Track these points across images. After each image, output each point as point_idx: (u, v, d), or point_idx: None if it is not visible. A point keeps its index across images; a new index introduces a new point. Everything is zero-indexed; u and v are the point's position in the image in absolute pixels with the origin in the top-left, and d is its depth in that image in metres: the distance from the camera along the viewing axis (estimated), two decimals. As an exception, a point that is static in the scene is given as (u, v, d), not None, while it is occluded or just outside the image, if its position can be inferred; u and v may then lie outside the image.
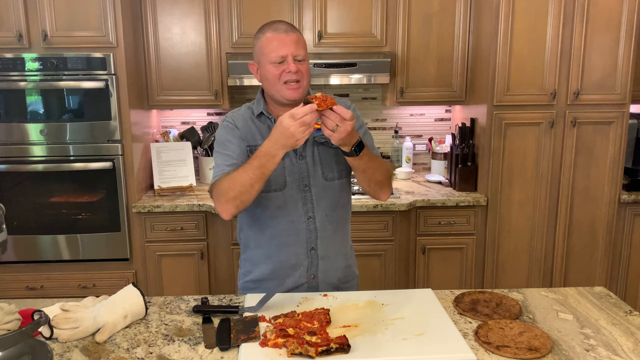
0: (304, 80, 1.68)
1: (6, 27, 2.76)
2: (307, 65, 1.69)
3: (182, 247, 2.99)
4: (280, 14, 3.07)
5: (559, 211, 3.04)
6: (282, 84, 1.67)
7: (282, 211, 1.74)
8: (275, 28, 1.67)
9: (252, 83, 3.07)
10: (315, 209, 1.75)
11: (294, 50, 1.65)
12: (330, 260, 1.79)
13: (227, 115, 1.82)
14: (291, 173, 1.72)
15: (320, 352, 1.32)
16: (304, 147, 1.74)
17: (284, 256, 1.76)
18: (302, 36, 1.71)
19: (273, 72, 1.66)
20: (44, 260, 2.97)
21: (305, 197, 1.74)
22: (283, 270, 1.77)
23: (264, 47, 1.67)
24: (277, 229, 1.75)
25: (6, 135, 2.84)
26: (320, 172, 1.75)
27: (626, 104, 2.95)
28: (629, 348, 1.39)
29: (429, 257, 3.07)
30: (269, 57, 1.66)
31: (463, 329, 1.49)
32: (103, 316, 1.47)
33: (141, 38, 3.07)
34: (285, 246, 1.76)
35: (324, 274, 1.78)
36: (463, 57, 3.15)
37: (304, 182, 1.74)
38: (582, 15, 2.84)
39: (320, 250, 1.77)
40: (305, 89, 1.71)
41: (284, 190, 1.72)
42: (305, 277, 1.77)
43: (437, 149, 3.45)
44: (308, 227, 1.75)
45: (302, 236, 1.75)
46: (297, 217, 1.74)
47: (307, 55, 1.70)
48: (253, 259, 1.82)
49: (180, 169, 3.18)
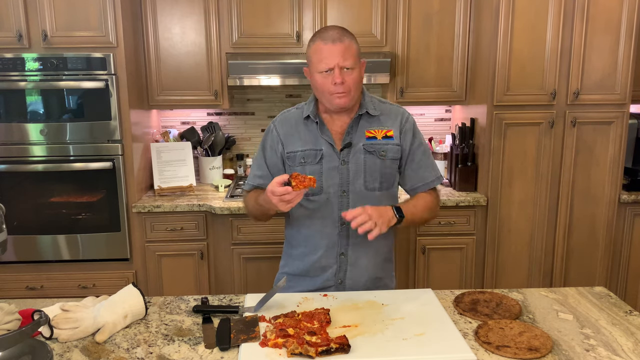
0: (351, 90, 1.68)
1: (6, 27, 2.76)
2: (356, 74, 1.68)
3: (182, 247, 2.99)
4: (280, 14, 3.07)
5: (559, 211, 3.04)
6: (330, 94, 1.68)
7: (317, 213, 1.77)
8: (323, 37, 1.67)
9: (252, 83, 3.07)
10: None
11: (340, 61, 1.65)
12: (359, 269, 1.79)
13: (278, 116, 1.85)
14: (329, 178, 1.74)
15: (320, 352, 1.32)
16: (349, 153, 1.74)
17: (316, 257, 1.79)
18: (352, 43, 1.68)
19: (321, 82, 1.68)
20: (44, 260, 2.97)
21: (342, 202, 1.75)
22: (314, 270, 1.80)
23: (313, 55, 1.69)
24: (311, 230, 1.79)
25: (6, 135, 2.84)
26: (362, 180, 1.75)
27: (626, 104, 2.95)
28: (629, 348, 1.39)
29: (429, 257, 3.07)
30: (317, 66, 1.68)
31: (463, 329, 1.49)
32: (103, 316, 1.47)
33: (141, 38, 3.07)
34: (318, 248, 1.79)
35: (351, 281, 1.79)
36: (463, 57, 3.15)
37: (343, 187, 1.75)
38: (582, 15, 2.84)
39: (350, 256, 1.78)
40: (353, 98, 1.71)
41: (320, 195, 1.75)
42: (333, 280, 1.79)
43: (437, 149, 3.44)
44: (340, 232, 1.76)
45: (334, 240, 1.77)
46: (331, 221, 1.76)
47: (357, 62, 1.68)
48: (291, 254, 1.88)
49: (180, 169, 3.18)
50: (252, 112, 3.51)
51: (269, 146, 1.81)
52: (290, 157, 1.76)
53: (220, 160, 3.38)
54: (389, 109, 1.81)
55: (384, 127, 1.77)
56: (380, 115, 1.78)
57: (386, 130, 1.76)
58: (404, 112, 1.82)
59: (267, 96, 3.48)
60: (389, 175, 1.78)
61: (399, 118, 1.80)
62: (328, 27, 1.72)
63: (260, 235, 2.95)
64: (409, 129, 1.79)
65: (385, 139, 1.76)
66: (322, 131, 1.75)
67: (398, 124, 1.78)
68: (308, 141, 1.75)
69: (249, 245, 2.97)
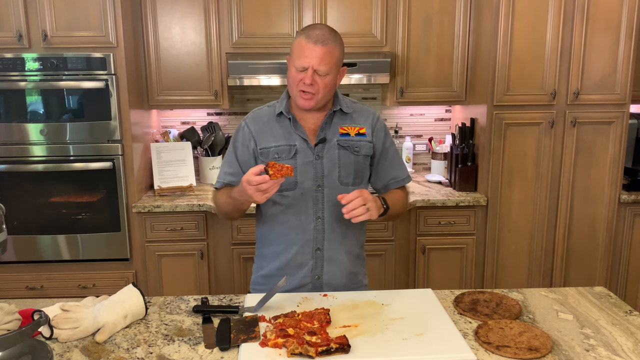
0: (318, 93, 1.69)
1: (6, 27, 2.76)
2: (328, 80, 1.69)
3: (182, 247, 2.99)
4: (280, 14, 3.07)
5: (559, 211, 3.04)
6: (297, 91, 1.70)
7: (291, 209, 1.76)
8: (310, 35, 1.67)
9: (252, 83, 3.07)
10: (325, 210, 1.75)
11: (315, 64, 1.65)
12: (335, 264, 1.79)
13: (249, 114, 1.86)
14: (304, 173, 1.74)
15: (320, 352, 1.32)
16: (323, 148, 1.75)
17: (290, 254, 1.78)
18: (335, 49, 1.68)
19: (293, 77, 1.70)
20: (44, 260, 2.97)
21: (316, 196, 1.75)
22: (289, 269, 1.79)
23: (294, 50, 1.70)
24: (285, 227, 1.78)
25: (6, 135, 2.84)
26: (337, 174, 1.75)
27: (626, 104, 2.95)
28: (629, 348, 1.39)
29: (429, 257, 3.07)
30: (294, 61, 1.69)
31: (463, 329, 1.49)
32: (103, 316, 1.47)
33: (141, 38, 3.07)
34: (293, 244, 1.78)
35: (328, 276, 1.79)
36: (463, 57, 3.15)
37: (318, 182, 1.75)
38: (582, 15, 2.84)
39: (326, 251, 1.78)
40: (319, 102, 1.72)
41: (295, 190, 1.75)
42: (310, 277, 1.78)
43: (437, 149, 3.45)
44: (316, 226, 1.76)
45: (309, 235, 1.76)
46: (306, 216, 1.76)
47: (332, 69, 1.68)
48: (265, 255, 1.86)
49: (180, 169, 3.18)
50: (252, 112, 3.51)
51: (241, 143, 1.80)
52: (264, 153, 1.76)
53: (220, 160, 3.38)
54: (360, 108, 1.86)
55: (356, 124, 1.80)
56: (353, 113, 1.82)
57: (359, 128, 1.80)
58: (375, 112, 1.87)
59: (267, 96, 3.48)
60: (362, 171, 1.81)
61: (370, 117, 1.84)
62: (317, 25, 1.72)
63: (260, 235, 2.94)
64: (380, 129, 1.84)
65: (358, 135, 1.79)
66: (295, 127, 1.76)
67: (370, 122, 1.83)
68: (281, 137, 1.76)
69: (249, 245, 2.97)
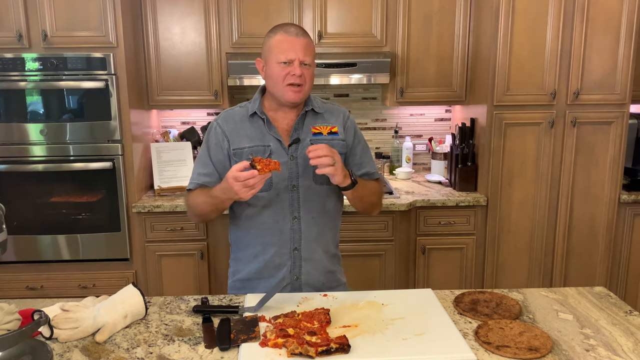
0: (306, 85, 1.71)
1: (6, 27, 2.76)
2: (312, 71, 1.73)
3: (182, 247, 2.99)
4: (280, 14, 3.07)
5: (559, 211, 3.04)
6: (285, 85, 1.69)
7: (267, 210, 1.76)
8: (287, 30, 1.71)
9: (252, 83, 3.07)
10: (301, 209, 1.76)
11: (301, 55, 1.68)
12: (313, 263, 1.79)
13: (220, 114, 1.85)
14: (278, 174, 1.73)
15: (320, 352, 1.32)
16: (297, 148, 1.75)
17: (268, 256, 1.77)
18: (312, 42, 1.74)
19: (278, 72, 1.69)
20: (44, 260, 2.97)
21: (292, 197, 1.75)
22: (267, 270, 1.78)
23: (274, 47, 1.70)
24: (261, 228, 1.77)
25: (6, 135, 2.84)
26: (312, 174, 1.75)
27: (626, 104, 2.95)
28: (629, 348, 1.39)
29: (429, 257, 3.07)
30: (277, 57, 1.69)
31: (463, 329, 1.49)
32: (103, 316, 1.47)
33: (141, 38, 3.07)
34: (270, 246, 1.77)
35: (306, 276, 1.79)
36: (463, 57, 3.15)
37: (292, 182, 1.75)
38: (582, 16, 2.84)
39: (303, 251, 1.77)
40: (306, 94, 1.74)
41: (270, 191, 1.74)
42: (289, 277, 1.78)
43: (437, 149, 3.45)
44: (293, 227, 1.76)
45: (286, 236, 1.76)
46: (282, 216, 1.75)
47: (314, 61, 1.74)
48: (240, 258, 1.85)
49: (180, 169, 3.18)
50: (252, 112, 3.51)
51: (214, 143, 1.79)
52: (237, 154, 1.75)
53: (220, 160, 3.38)
54: (331, 107, 1.86)
55: (328, 123, 1.81)
56: (325, 113, 1.83)
57: (331, 127, 1.80)
58: (345, 111, 1.88)
59: (267, 96, 3.47)
60: None
61: (341, 116, 1.85)
62: (288, 23, 1.76)
63: (260, 235, 2.94)
64: (350, 126, 1.85)
65: (330, 134, 1.80)
66: (269, 128, 1.76)
67: (341, 120, 1.83)
68: (255, 138, 1.75)
69: (249, 245, 2.97)
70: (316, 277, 1.80)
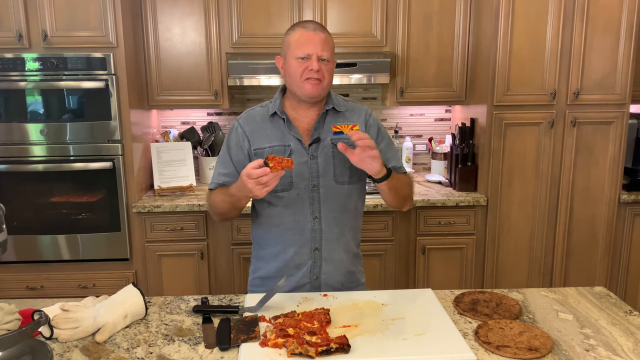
0: (325, 80, 1.70)
1: (6, 27, 2.76)
2: (331, 67, 1.72)
3: (182, 247, 2.99)
4: (280, 14, 3.07)
5: (559, 211, 3.04)
6: (303, 80, 1.69)
7: (288, 210, 1.76)
8: (305, 26, 1.71)
9: (252, 83, 3.08)
10: (322, 209, 1.75)
11: (319, 50, 1.68)
12: (334, 263, 1.79)
13: (242, 114, 1.85)
14: (299, 173, 1.73)
15: (320, 352, 1.32)
16: (317, 147, 1.74)
17: (288, 255, 1.78)
18: (330, 37, 1.73)
19: (296, 68, 1.69)
20: (44, 260, 2.97)
21: (312, 196, 1.75)
22: (287, 270, 1.78)
23: (292, 43, 1.70)
24: (282, 228, 1.77)
25: (6, 135, 2.84)
26: (332, 174, 1.75)
27: (626, 104, 2.95)
28: (629, 348, 1.39)
29: (429, 257, 3.07)
30: (294, 52, 1.69)
31: (463, 329, 1.49)
32: (103, 316, 1.47)
33: (141, 38, 3.07)
34: (290, 245, 1.77)
35: (326, 276, 1.79)
36: (463, 57, 3.15)
37: (313, 182, 1.75)
38: (582, 15, 2.84)
39: (324, 251, 1.77)
40: (325, 89, 1.73)
41: (290, 191, 1.74)
42: (308, 277, 1.78)
43: (437, 149, 3.45)
44: (313, 227, 1.76)
45: (307, 236, 1.76)
46: (303, 216, 1.75)
47: (332, 57, 1.72)
48: (262, 256, 1.85)
49: (180, 169, 3.18)
50: (252, 112, 3.51)
51: (235, 144, 1.79)
52: (258, 154, 1.75)
53: (220, 160, 3.38)
54: (353, 105, 1.85)
55: (349, 122, 1.79)
56: (346, 112, 1.81)
57: (352, 125, 1.78)
58: (367, 109, 1.87)
59: (267, 96, 3.48)
60: (357, 169, 1.76)
61: (363, 114, 1.84)
62: (307, 20, 1.76)
63: (260, 235, 2.94)
64: (373, 124, 1.83)
65: None
66: (289, 127, 1.75)
67: (363, 119, 1.82)
68: (275, 138, 1.75)
69: (249, 245, 2.94)
70: (336, 277, 1.80)
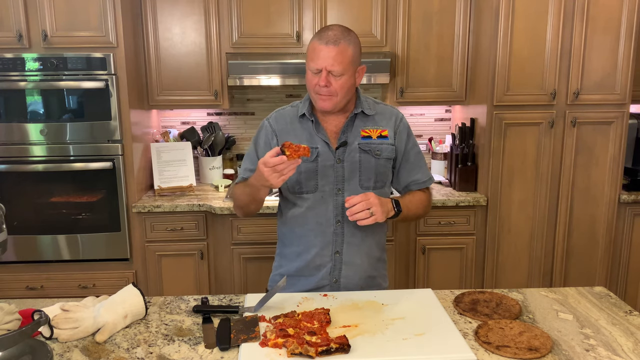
0: (336, 95, 1.68)
1: (6, 27, 2.76)
2: (344, 80, 1.67)
3: (182, 247, 2.99)
4: (280, 14, 3.07)
5: (559, 211, 3.04)
6: (315, 94, 1.70)
7: (311, 212, 1.76)
8: (321, 36, 1.67)
9: (252, 83, 3.07)
10: (345, 213, 1.74)
11: (329, 65, 1.65)
12: (354, 268, 1.79)
13: (272, 113, 1.85)
14: (324, 176, 1.74)
15: (320, 352, 1.32)
16: (344, 151, 1.74)
17: (310, 256, 1.78)
18: (348, 47, 1.66)
19: (310, 80, 1.71)
20: (44, 260, 2.97)
21: (337, 200, 1.75)
22: (308, 270, 1.79)
23: (308, 53, 1.71)
24: (305, 229, 1.78)
25: (6, 135, 2.84)
26: (357, 178, 1.75)
27: (626, 104, 2.95)
28: (629, 348, 1.39)
29: (429, 257, 3.07)
30: (309, 64, 1.70)
31: (463, 329, 1.49)
32: (103, 316, 1.47)
33: (141, 38, 3.07)
34: (312, 246, 1.78)
35: (346, 280, 1.79)
36: (463, 57, 3.15)
37: (338, 185, 1.75)
38: (582, 15, 2.84)
39: (345, 255, 1.78)
40: (338, 103, 1.71)
41: (315, 193, 1.75)
42: (328, 279, 1.79)
43: (437, 149, 3.44)
44: (335, 230, 1.76)
45: (328, 238, 1.77)
46: (326, 219, 1.76)
47: (346, 69, 1.66)
48: (285, 254, 1.87)
49: (180, 169, 3.18)
50: (252, 112, 3.52)
51: (263, 141, 1.80)
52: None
53: (220, 160, 3.38)
54: (383, 109, 1.83)
55: (378, 126, 1.78)
56: (375, 115, 1.80)
57: (381, 130, 1.78)
58: (398, 113, 1.85)
59: (267, 96, 3.48)
60: (383, 175, 1.79)
61: (393, 118, 1.82)
62: (332, 26, 1.71)
63: (260, 235, 2.94)
64: (403, 130, 1.82)
65: (380, 138, 1.78)
66: (317, 130, 1.76)
67: (392, 124, 1.81)
68: (303, 138, 1.76)
69: (249, 245, 2.97)
70: (355, 281, 1.80)
